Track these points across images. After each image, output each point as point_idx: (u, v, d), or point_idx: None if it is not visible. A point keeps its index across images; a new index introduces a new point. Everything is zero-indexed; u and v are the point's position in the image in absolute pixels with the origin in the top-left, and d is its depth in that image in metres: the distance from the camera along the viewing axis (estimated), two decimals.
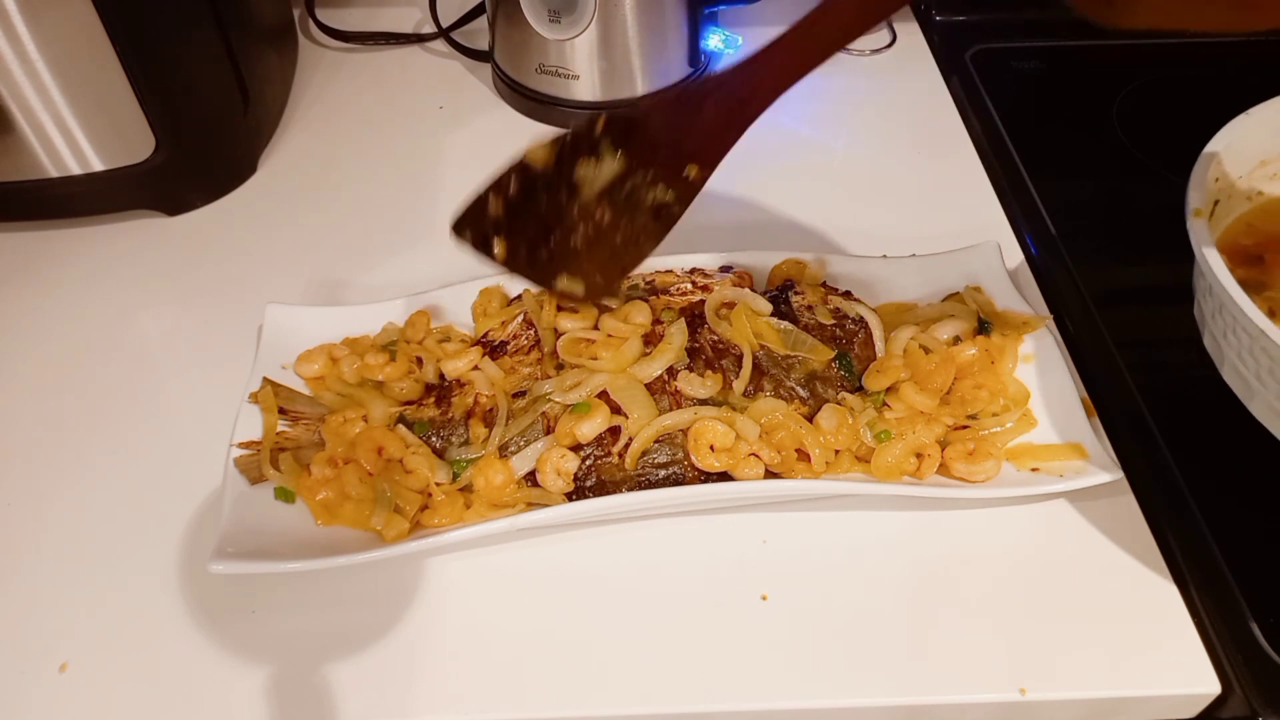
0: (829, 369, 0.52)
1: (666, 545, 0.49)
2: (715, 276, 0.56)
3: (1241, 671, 0.43)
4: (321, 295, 0.62)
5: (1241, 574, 0.45)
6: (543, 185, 0.45)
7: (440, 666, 0.44)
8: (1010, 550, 0.48)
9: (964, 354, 0.53)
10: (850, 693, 0.43)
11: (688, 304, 0.54)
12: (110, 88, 0.60)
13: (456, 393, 0.52)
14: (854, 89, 0.81)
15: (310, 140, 0.75)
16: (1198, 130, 0.52)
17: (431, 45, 0.85)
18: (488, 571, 0.48)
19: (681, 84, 0.44)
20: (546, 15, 0.70)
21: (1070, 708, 0.44)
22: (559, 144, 0.45)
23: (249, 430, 0.50)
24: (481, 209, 0.46)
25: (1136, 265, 0.63)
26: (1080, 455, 0.49)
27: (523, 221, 0.46)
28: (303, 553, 0.45)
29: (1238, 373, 0.47)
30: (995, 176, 0.70)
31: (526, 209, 0.46)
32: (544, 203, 0.46)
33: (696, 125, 0.45)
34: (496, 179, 0.46)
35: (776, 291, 0.55)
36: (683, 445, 0.49)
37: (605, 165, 0.45)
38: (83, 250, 0.65)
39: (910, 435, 0.50)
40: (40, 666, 0.44)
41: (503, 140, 0.75)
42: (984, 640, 0.45)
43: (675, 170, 0.46)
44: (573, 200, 0.46)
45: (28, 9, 0.55)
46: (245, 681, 0.44)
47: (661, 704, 0.43)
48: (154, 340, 0.60)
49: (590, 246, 0.46)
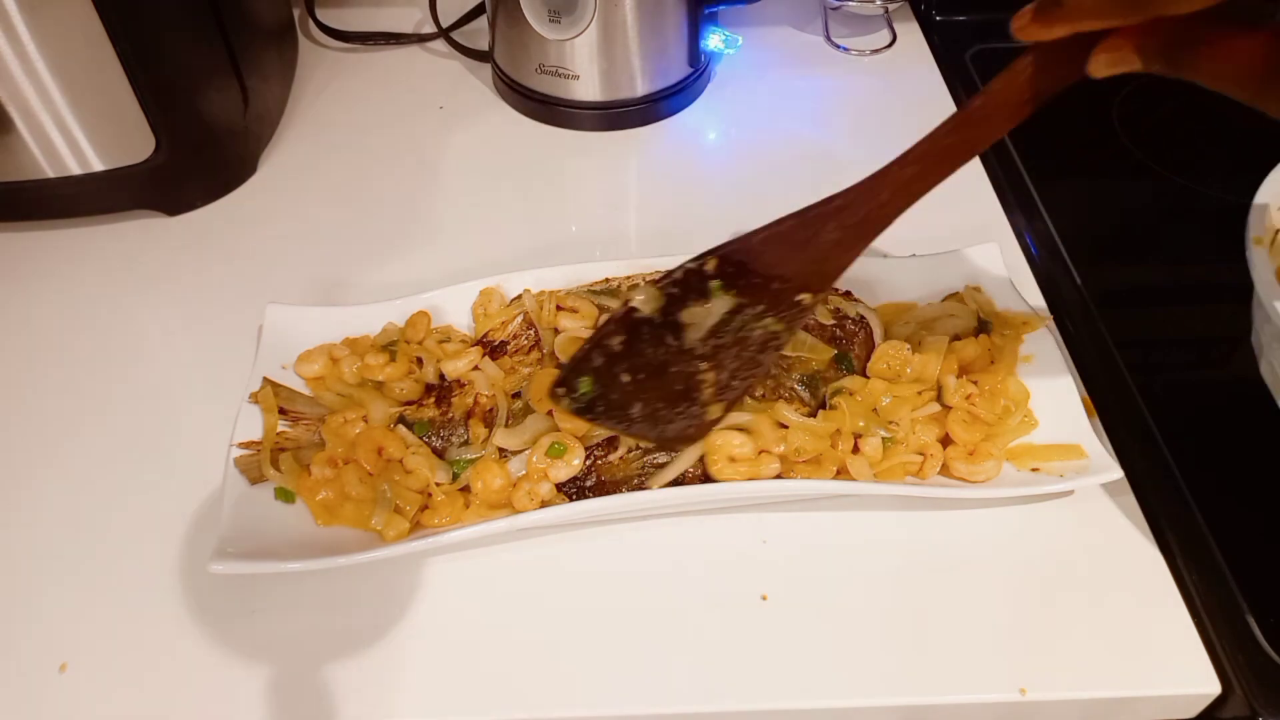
0: (829, 369, 0.52)
1: (666, 545, 0.49)
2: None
3: (1241, 671, 0.43)
4: (321, 295, 0.62)
5: (1241, 574, 0.45)
6: (649, 334, 0.43)
7: (440, 666, 0.44)
8: (1010, 550, 0.48)
9: (963, 353, 0.53)
10: (850, 693, 0.43)
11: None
12: (110, 88, 0.60)
13: (456, 393, 0.52)
14: (854, 89, 0.81)
15: (310, 140, 0.75)
16: (1198, 130, 0.52)
17: (431, 45, 0.85)
18: (488, 571, 0.48)
19: (799, 213, 0.42)
20: (546, 15, 0.70)
21: (1070, 708, 0.44)
22: (666, 289, 0.42)
23: (249, 430, 0.50)
24: (583, 368, 0.44)
25: (1136, 265, 0.63)
26: (1080, 455, 0.49)
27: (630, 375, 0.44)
28: (303, 553, 0.45)
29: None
30: (995, 176, 0.70)
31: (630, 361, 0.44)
32: (651, 354, 0.43)
33: (812, 251, 0.42)
34: (599, 334, 0.43)
35: None
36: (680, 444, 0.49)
37: (715, 306, 0.43)
38: (83, 250, 0.65)
39: (912, 436, 0.50)
40: (40, 666, 0.44)
41: (503, 140, 0.76)
42: (984, 640, 0.45)
43: (787, 300, 0.43)
44: (680, 344, 0.43)
45: (28, 9, 0.55)
46: (245, 681, 0.44)
47: (662, 704, 0.43)
48: (154, 340, 0.60)
49: (692, 388, 0.44)
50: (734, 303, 0.43)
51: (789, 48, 0.84)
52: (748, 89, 0.81)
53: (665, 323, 0.43)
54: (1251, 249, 0.46)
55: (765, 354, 0.45)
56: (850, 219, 0.42)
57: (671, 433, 0.46)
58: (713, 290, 0.43)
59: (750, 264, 0.42)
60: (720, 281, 0.42)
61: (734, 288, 0.42)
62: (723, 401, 0.46)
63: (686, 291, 0.43)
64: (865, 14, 0.86)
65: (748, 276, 0.42)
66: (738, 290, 0.43)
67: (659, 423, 0.46)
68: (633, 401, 0.45)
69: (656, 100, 0.76)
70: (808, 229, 0.42)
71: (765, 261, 0.42)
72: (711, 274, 0.42)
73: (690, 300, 0.43)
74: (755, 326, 0.44)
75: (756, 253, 0.42)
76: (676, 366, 0.44)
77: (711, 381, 0.45)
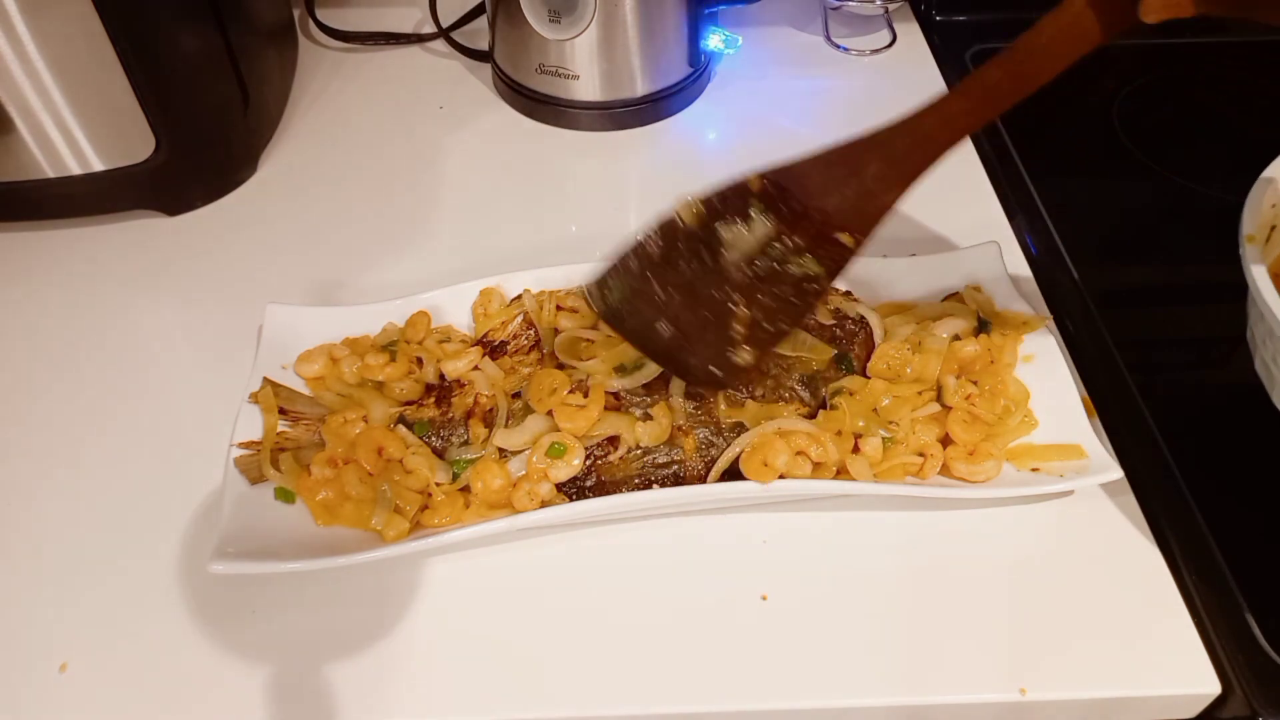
0: (829, 369, 0.52)
1: (667, 545, 0.49)
2: None
3: (1241, 671, 0.43)
4: (321, 295, 0.62)
5: (1241, 574, 0.45)
6: (686, 247, 0.42)
7: (440, 666, 0.44)
8: (1010, 550, 0.48)
9: (963, 352, 0.53)
10: (850, 693, 0.43)
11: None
12: (110, 88, 0.60)
13: (456, 393, 0.52)
14: (854, 89, 0.81)
15: (310, 140, 0.75)
16: (1198, 130, 0.52)
17: (431, 45, 0.85)
18: (488, 571, 0.48)
19: (845, 142, 0.41)
20: (546, 15, 0.70)
21: (1070, 708, 0.44)
22: (708, 203, 0.41)
23: (249, 430, 0.50)
24: (618, 270, 0.43)
25: (1136, 265, 0.63)
26: (1080, 455, 0.49)
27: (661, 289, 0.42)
28: (303, 553, 0.45)
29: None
30: (995, 176, 0.70)
31: (665, 273, 0.42)
32: (686, 269, 0.42)
33: (855, 183, 0.41)
34: (639, 241, 0.42)
35: None
36: (681, 444, 0.49)
37: (755, 228, 0.42)
38: (83, 250, 0.65)
39: (912, 436, 0.50)
40: (40, 666, 0.44)
41: (503, 140, 0.76)
42: (984, 640, 0.45)
43: (827, 238, 0.42)
44: (716, 264, 0.42)
45: (28, 9, 0.55)
46: (245, 681, 0.44)
47: (661, 704, 0.43)
48: (154, 340, 0.60)
49: (723, 318, 0.42)
50: (774, 228, 0.41)
51: (789, 48, 0.84)
52: (748, 89, 0.81)
53: (704, 238, 0.42)
54: (1244, 246, 0.46)
55: (802, 299, 0.43)
56: (895, 150, 0.41)
57: (694, 366, 0.44)
58: (754, 211, 0.41)
59: (794, 189, 0.41)
60: (763, 204, 0.41)
61: (775, 212, 0.41)
62: (753, 346, 0.44)
63: (727, 207, 0.41)
64: (865, 14, 0.86)
65: (789, 202, 0.41)
66: (779, 215, 0.41)
67: (682, 350, 0.44)
68: (661, 317, 0.43)
69: (656, 100, 0.76)
70: (853, 158, 0.41)
71: (808, 188, 0.41)
72: (755, 193, 0.41)
73: (731, 217, 0.41)
74: (794, 262, 0.42)
75: (801, 177, 0.41)
76: (710, 289, 0.42)
77: (744, 318, 0.43)
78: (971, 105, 0.40)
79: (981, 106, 0.40)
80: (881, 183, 0.41)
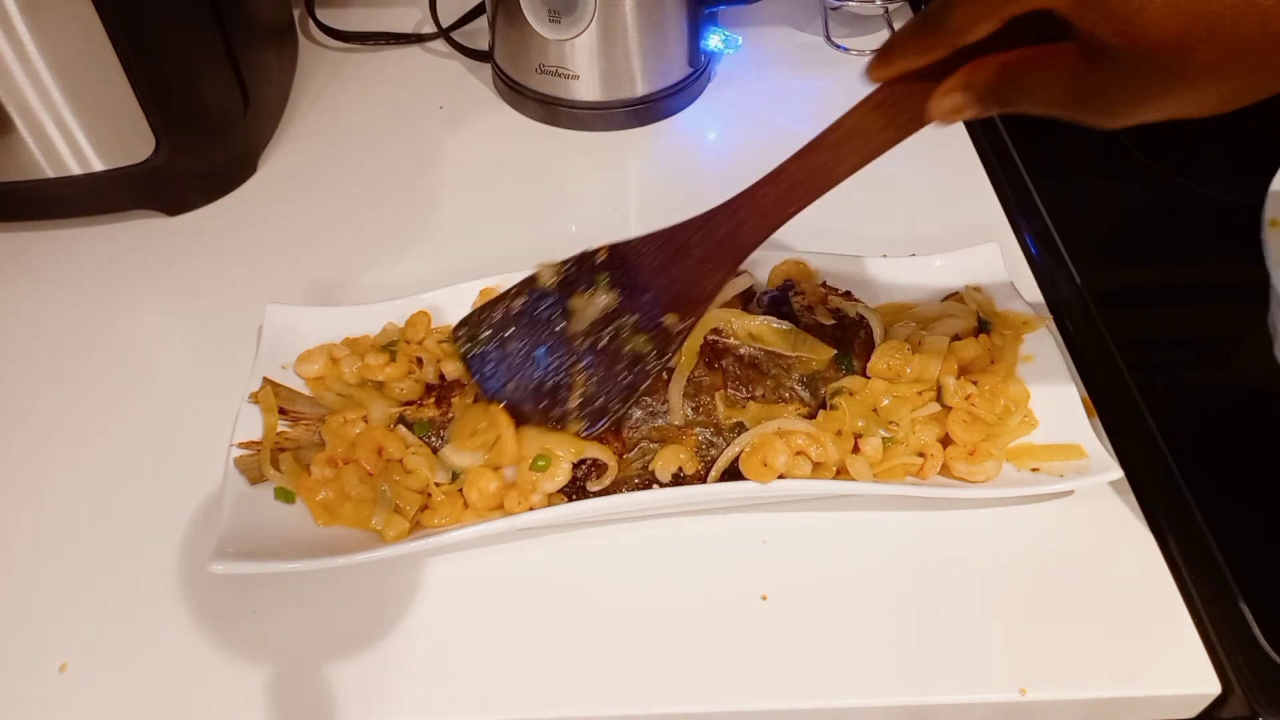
0: (829, 369, 0.52)
1: (666, 545, 0.49)
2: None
3: (1241, 671, 0.43)
4: (321, 295, 0.62)
5: (1241, 574, 0.45)
6: (545, 309, 0.44)
7: (440, 666, 0.44)
8: (1010, 550, 0.48)
9: (963, 353, 0.53)
10: (850, 693, 0.43)
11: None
12: (110, 88, 0.60)
13: (457, 393, 0.52)
14: (854, 89, 0.80)
15: (310, 140, 0.75)
16: (1198, 130, 0.52)
17: (431, 45, 0.85)
18: (488, 571, 0.48)
19: (680, 224, 0.43)
20: (546, 15, 0.70)
21: (1070, 708, 0.44)
22: (565, 268, 0.44)
23: (249, 430, 0.50)
24: (483, 320, 0.46)
25: (1136, 265, 0.63)
26: (1080, 455, 0.49)
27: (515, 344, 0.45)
28: (303, 553, 0.45)
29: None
30: (995, 176, 0.70)
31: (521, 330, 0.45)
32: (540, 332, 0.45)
33: (682, 265, 0.43)
34: (505, 294, 0.45)
35: (777, 291, 0.55)
36: (681, 444, 0.49)
37: (598, 299, 0.44)
38: (83, 250, 0.65)
39: (912, 436, 0.50)
40: (40, 666, 0.44)
41: (503, 140, 0.76)
42: (984, 640, 0.45)
43: (654, 318, 0.44)
44: (563, 331, 0.44)
45: (28, 9, 0.55)
46: (245, 681, 0.44)
47: (661, 704, 0.43)
48: (154, 340, 0.60)
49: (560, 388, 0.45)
50: (614, 301, 0.44)
51: (789, 48, 0.84)
52: (748, 89, 0.81)
53: (558, 302, 0.44)
54: (1267, 231, 0.46)
55: (632, 378, 0.45)
56: (712, 235, 0.42)
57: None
58: (598, 282, 0.44)
59: (633, 264, 0.43)
60: (608, 275, 0.43)
61: (617, 286, 0.43)
62: (583, 420, 0.46)
63: (579, 276, 0.44)
64: (865, 14, 0.86)
65: (631, 277, 0.43)
66: (620, 290, 0.43)
67: (518, 412, 0.46)
68: (512, 375, 0.46)
69: (656, 100, 0.76)
70: (680, 239, 0.43)
71: (645, 265, 0.43)
72: (601, 264, 0.43)
73: (580, 286, 0.44)
74: (628, 339, 0.44)
75: (639, 254, 0.43)
76: (555, 355, 0.45)
77: (580, 387, 0.45)
78: (782, 193, 0.41)
79: (791, 195, 0.41)
80: (703, 266, 0.43)
